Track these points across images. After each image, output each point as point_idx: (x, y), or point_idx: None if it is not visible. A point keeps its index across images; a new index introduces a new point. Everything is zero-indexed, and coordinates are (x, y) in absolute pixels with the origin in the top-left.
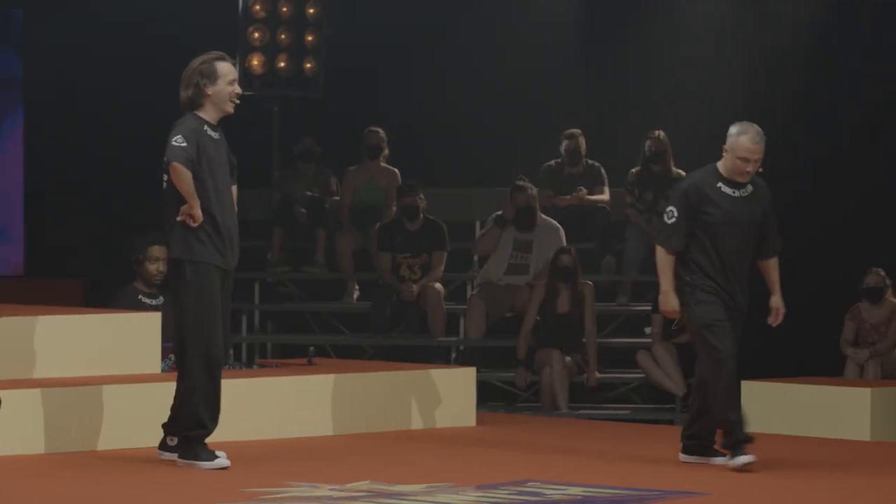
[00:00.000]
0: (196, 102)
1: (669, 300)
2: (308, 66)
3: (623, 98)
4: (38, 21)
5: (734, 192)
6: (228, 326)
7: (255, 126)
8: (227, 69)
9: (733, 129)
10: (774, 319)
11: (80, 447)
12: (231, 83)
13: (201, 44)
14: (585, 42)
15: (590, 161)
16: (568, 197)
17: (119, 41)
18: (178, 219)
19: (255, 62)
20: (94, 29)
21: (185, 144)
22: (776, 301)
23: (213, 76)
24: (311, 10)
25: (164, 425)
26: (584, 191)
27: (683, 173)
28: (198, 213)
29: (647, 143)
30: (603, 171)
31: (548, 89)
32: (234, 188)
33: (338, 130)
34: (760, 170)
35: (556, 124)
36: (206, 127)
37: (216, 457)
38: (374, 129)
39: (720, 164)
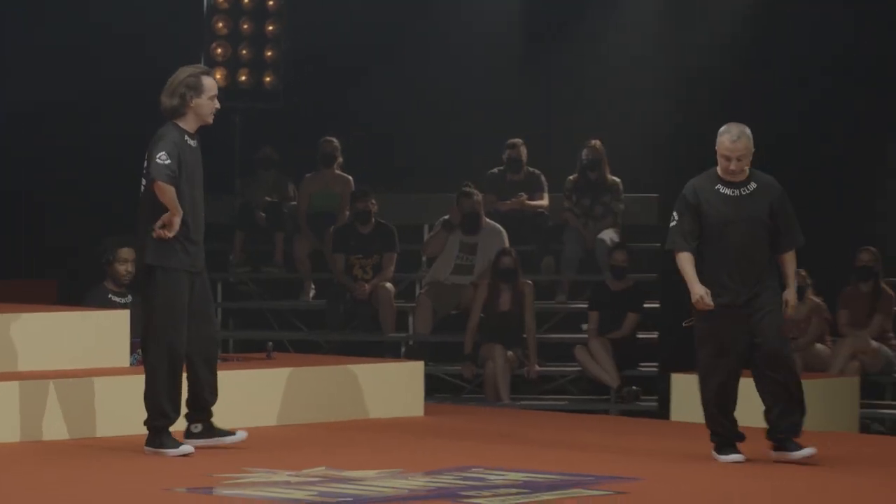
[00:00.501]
0: (179, 112)
1: (693, 293)
2: (267, 79)
3: (562, 110)
4: None
5: (733, 192)
6: (216, 320)
7: (218, 136)
8: (211, 84)
9: (719, 130)
10: (784, 312)
11: (53, 436)
12: (212, 98)
13: (166, 61)
14: (526, 59)
15: (530, 169)
16: (509, 202)
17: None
18: (157, 226)
19: (218, 76)
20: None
21: (168, 162)
22: (788, 294)
23: (198, 89)
24: (271, 28)
25: (186, 416)
26: (524, 196)
27: (618, 180)
28: (177, 222)
29: (584, 151)
30: (543, 178)
31: (491, 102)
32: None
33: (295, 140)
34: (744, 168)
35: (499, 134)
36: (186, 137)
37: (180, 444)
38: (328, 138)
39: (718, 167)
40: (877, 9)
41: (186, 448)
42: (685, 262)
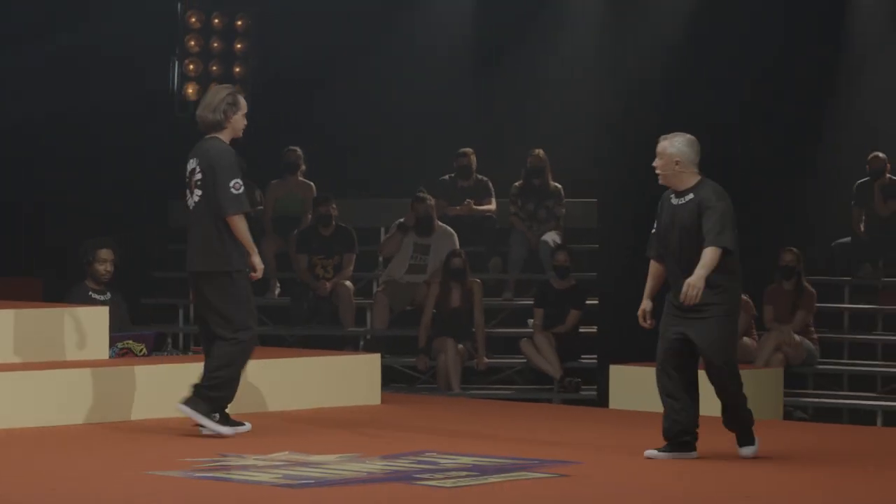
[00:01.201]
0: (220, 126)
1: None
2: None
3: (508, 121)
4: None
5: (676, 201)
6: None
7: (191, 146)
8: (244, 102)
9: None
10: (683, 295)
11: (37, 424)
12: (244, 115)
13: (143, 77)
14: (476, 74)
15: (479, 176)
16: (458, 207)
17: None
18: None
19: (190, 90)
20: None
21: (242, 191)
22: (689, 279)
23: (237, 106)
24: (239, 46)
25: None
26: (471, 202)
27: (560, 186)
28: (257, 261)
29: (529, 160)
30: (490, 184)
31: (443, 114)
32: None
33: (262, 149)
34: (665, 172)
35: (450, 144)
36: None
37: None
38: (292, 148)
39: None
40: (808, 19)
41: (228, 430)
42: (650, 271)
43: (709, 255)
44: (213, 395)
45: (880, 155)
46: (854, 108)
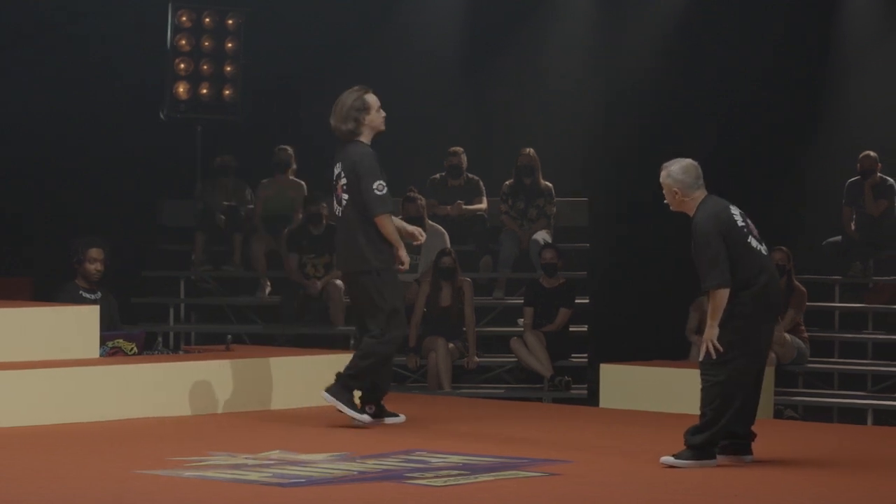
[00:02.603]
0: (356, 133)
1: None
2: (227, 92)
3: (499, 120)
4: None
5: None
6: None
7: (181, 145)
8: (373, 99)
9: None
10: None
11: (27, 422)
12: (378, 109)
13: (134, 72)
14: (466, 71)
15: (470, 175)
16: (449, 207)
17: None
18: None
19: (181, 89)
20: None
21: (385, 192)
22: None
23: (365, 108)
24: (230, 45)
25: (360, 398)
26: (461, 203)
27: (551, 185)
28: (403, 255)
29: (520, 158)
30: (481, 183)
31: (434, 112)
32: None
33: (253, 148)
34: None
35: (441, 142)
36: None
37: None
38: (283, 146)
39: None
40: (798, 19)
41: (365, 418)
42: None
43: (711, 301)
44: (350, 385)
45: (871, 154)
46: (845, 108)
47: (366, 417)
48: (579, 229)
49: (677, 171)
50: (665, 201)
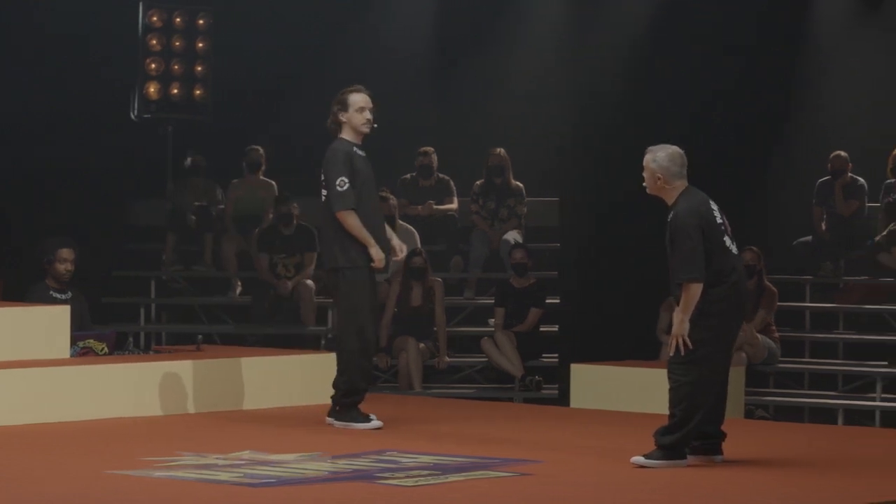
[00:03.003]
0: (336, 131)
1: None
2: (197, 92)
3: (470, 120)
4: None
5: (669, 218)
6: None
7: (152, 144)
8: (357, 98)
9: None
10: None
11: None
12: (361, 110)
13: (105, 72)
14: (436, 71)
15: (441, 175)
16: (419, 207)
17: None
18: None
19: (151, 89)
20: None
21: (347, 188)
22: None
23: (345, 105)
24: (201, 45)
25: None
26: (432, 203)
27: (521, 185)
28: (374, 252)
29: (490, 158)
30: (452, 183)
31: (403, 111)
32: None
33: (223, 148)
34: (653, 186)
35: (412, 142)
36: (354, 148)
37: (370, 419)
38: (253, 147)
39: None
40: (769, 20)
41: (375, 423)
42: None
43: (685, 294)
44: (347, 401)
45: (841, 154)
46: (815, 108)
47: (377, 423)
48: (550, 229)
49: (664, 157)
50: (644, 184)
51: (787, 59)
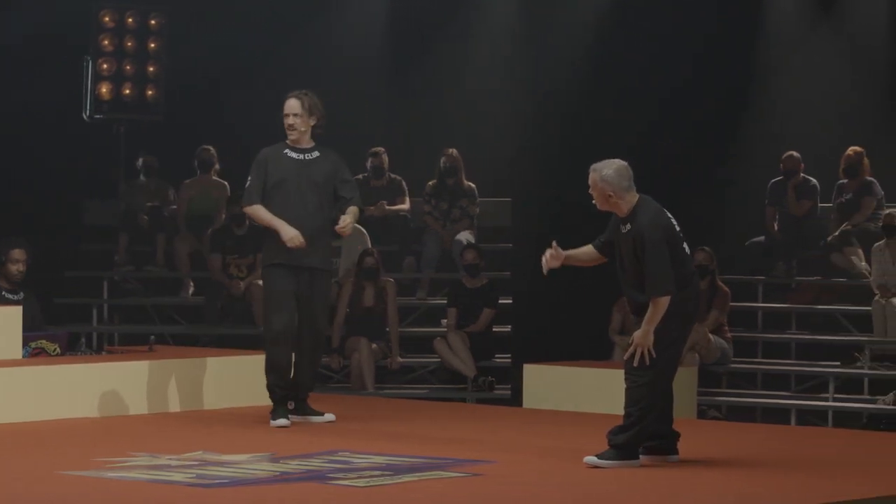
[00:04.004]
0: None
1: None
2: (150, 92)
3: (423, 120)
4: None
5: (622, 228)
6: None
7: (104, 145)
8: (287, 104)
9: None
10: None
11: None
12: (286, 116)
13: (57, 72)
14: (388, 71)
15: (392, 175)
16: (372, 208)
17: None
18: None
19: (104, 90)
20: None
21: (248, 184)
22: (636, 333)
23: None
24: (153, 45)
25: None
26: (384, 203)
27: (474, 185)
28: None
29: (443, 159)
30: (404, 183)
31: (355, 112)
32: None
33: (175, 148)
34: (603, 203)
35: (362, 142)
36: (286, 151)
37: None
38: (206, 147)
39: None
40: (722, 20)
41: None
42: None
43: (653, 307)
44: (299, 395)
45: (794, 154)
46: (768, 108)
47: (284, 422)
48: (502, 229)
49: (611, 174)
50: (593, 201)
51: (739, 59)
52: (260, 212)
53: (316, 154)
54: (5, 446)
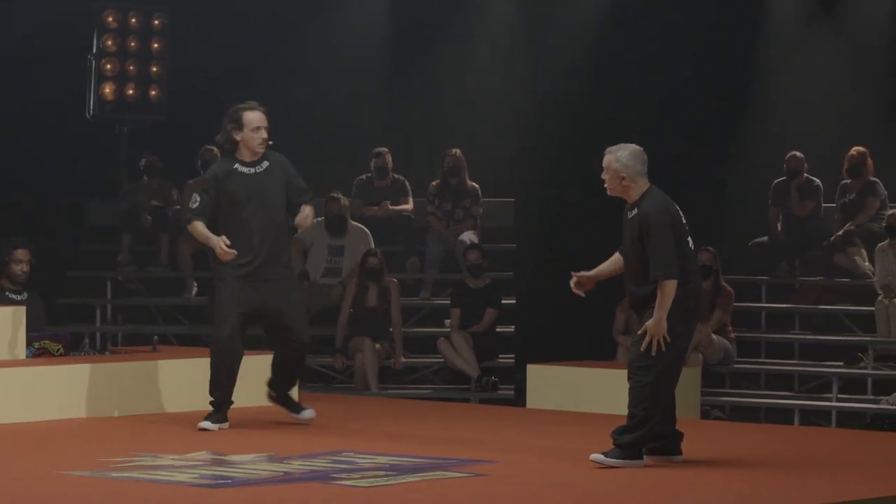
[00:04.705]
0: (224, 145)
1: None
2: (153, 93)
3: (425, 120)
4: None
5: (628, 214)
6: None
7: (107, 145)
8: (252, 117)
9: None
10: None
11: None
12: (257, 129)
13: (60, 72)
14: (388, 71)
15: (396, 175)
16: (375, 208)
17: None
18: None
19: (107, 90)
20: None
21: (192, 202)
22: (648, 323)
23: (238, 124)
24: (156, 45)
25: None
26: (388, 203)
27: (477, 185)
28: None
29: (446, 159)
30: (407, 184)
31: (359, 112)
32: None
33: (178, 148)
34: (614, 185)
35: (362, 143)
36: (236, 165)
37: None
38: (209, 147)
39: None
40: (724, 19)
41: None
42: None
43: (661, 292)
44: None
45: (797, 154)
46: (771, 108)
47: (308, 413)
48: (506, 230)
49: (626, 156)
50: (605, 185)
51: (739, 59)
52: (196, 229)
53: (266, 164)
54: (8, 446)
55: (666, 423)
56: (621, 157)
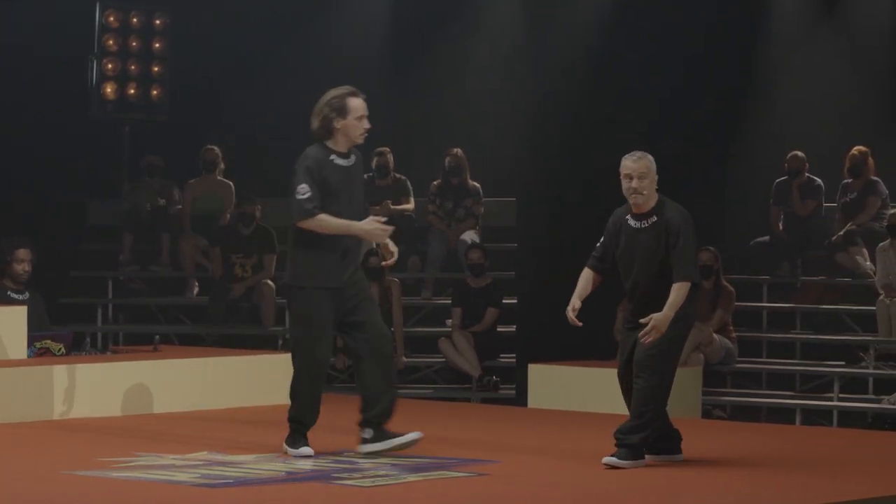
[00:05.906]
0: (324, 135)
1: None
2: (154, 92)
3: (425, 120)
4: None
5: (636, 224)
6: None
7: (108, 145)
8: (356, 104)
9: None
10: (644, 334)
11: None
12: (361, 119)
13: (62, 72)
14: (388, 71)
15: (397, 175)
16: (377, 208)
17: None
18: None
19: (108, 90)
20: None
21: (307, 195)
22: (656, 315)
23: (342, 111)
24: (157, 45)
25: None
26: (389, 202)
27: (478, 185)
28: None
29: (447, 159)
30: (409, 183)
31: None
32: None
33: (180, 148)
34: (644, 190)
35: (367, 142)
36: (332, 156)
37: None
38: (210, 146)
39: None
40: (725, 18)
41: (306, 450)
42: (581, 276)
43: (678, 292)
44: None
45: (798, 154)
46: (772, 107)
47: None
48: (507, 229)
49: (653, 163)
50: (638, 182)
51: (739, 59)
52: (321, 222)
53: (353, 158)
54: (10, 446)
55: (665, 420)
56: (653, 164)
